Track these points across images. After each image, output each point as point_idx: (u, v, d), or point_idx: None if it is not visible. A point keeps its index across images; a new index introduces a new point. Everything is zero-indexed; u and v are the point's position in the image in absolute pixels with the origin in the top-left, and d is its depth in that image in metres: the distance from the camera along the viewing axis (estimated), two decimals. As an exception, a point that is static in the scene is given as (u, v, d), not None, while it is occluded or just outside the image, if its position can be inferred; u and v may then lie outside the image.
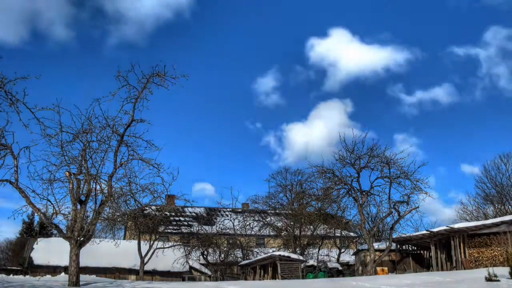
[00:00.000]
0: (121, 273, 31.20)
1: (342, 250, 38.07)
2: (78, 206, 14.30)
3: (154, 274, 31.86)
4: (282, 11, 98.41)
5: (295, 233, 33.67)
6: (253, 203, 39.69)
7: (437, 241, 25.39)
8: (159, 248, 29.17)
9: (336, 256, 36.86)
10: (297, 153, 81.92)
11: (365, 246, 28.27)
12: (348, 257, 37.06)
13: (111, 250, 29.26)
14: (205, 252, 32.83)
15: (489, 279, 12.99)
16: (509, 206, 38.88)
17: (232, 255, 34.16)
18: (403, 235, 27.51)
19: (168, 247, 30.93)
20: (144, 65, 15.16)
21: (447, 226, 24.48)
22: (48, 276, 23.62)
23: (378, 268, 25.86)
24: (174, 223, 43.03)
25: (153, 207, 29.39)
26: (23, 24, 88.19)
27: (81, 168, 14.52)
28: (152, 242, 28.77)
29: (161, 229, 33.59)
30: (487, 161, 55.45)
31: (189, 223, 42.80)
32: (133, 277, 30.67)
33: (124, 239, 38.11)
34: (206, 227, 36.01)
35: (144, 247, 28.37)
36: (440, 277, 16.19)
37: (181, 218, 44.29)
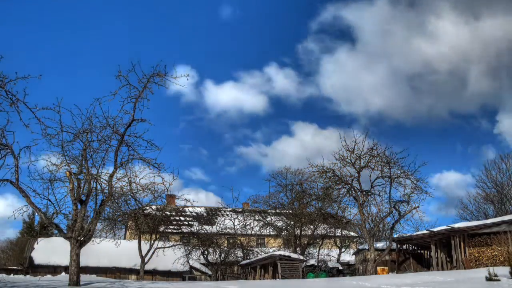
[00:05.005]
0: (121, 273, 31.22)
1: (343, 250, 38.05)
2: (79, 206, 14.30)
3: (155, 274, 31.90)
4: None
5: (296, 233, 33.66)
6: (254, 202, 39.70)
7: (438, 240, 25.41)
8: (160, 248, 29.16)
9: (336, 256, 36.85)
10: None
11: (366, 246, 28.28)
12: (348, 256, 37.03)
13: (112, 249, 29.32)
14: (206, 252, 32.82)
15: (489, 278, 12.97)
16: (510, 206, 38.89)
17: (232, 255, 34.15)
18: (403, 235, 27.50)
19: (169, 247, 30.92)
20: (144, 65, 15.16)
21: (448, 226, 24.48)
22: (49, 276, 23.66)
23: (379, 268, 25.85)
24: (175, 222, 43.07)
25: (154, 207, 29.42)
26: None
27: (82, 168, 14.51)
28: (152, 241, 28.76)
29: (161, 229, 33.59)
30: (487, 161, 55.33)
31: (190, 222, 42.82)
32: (133, 277, 30.69)
33: (124, 238, 38.14)
34: (207, 227, 35.99)
35: (145, 246, 28.37)
36: (440, 277, 16.18)
37: (182, 218, 44.33)
